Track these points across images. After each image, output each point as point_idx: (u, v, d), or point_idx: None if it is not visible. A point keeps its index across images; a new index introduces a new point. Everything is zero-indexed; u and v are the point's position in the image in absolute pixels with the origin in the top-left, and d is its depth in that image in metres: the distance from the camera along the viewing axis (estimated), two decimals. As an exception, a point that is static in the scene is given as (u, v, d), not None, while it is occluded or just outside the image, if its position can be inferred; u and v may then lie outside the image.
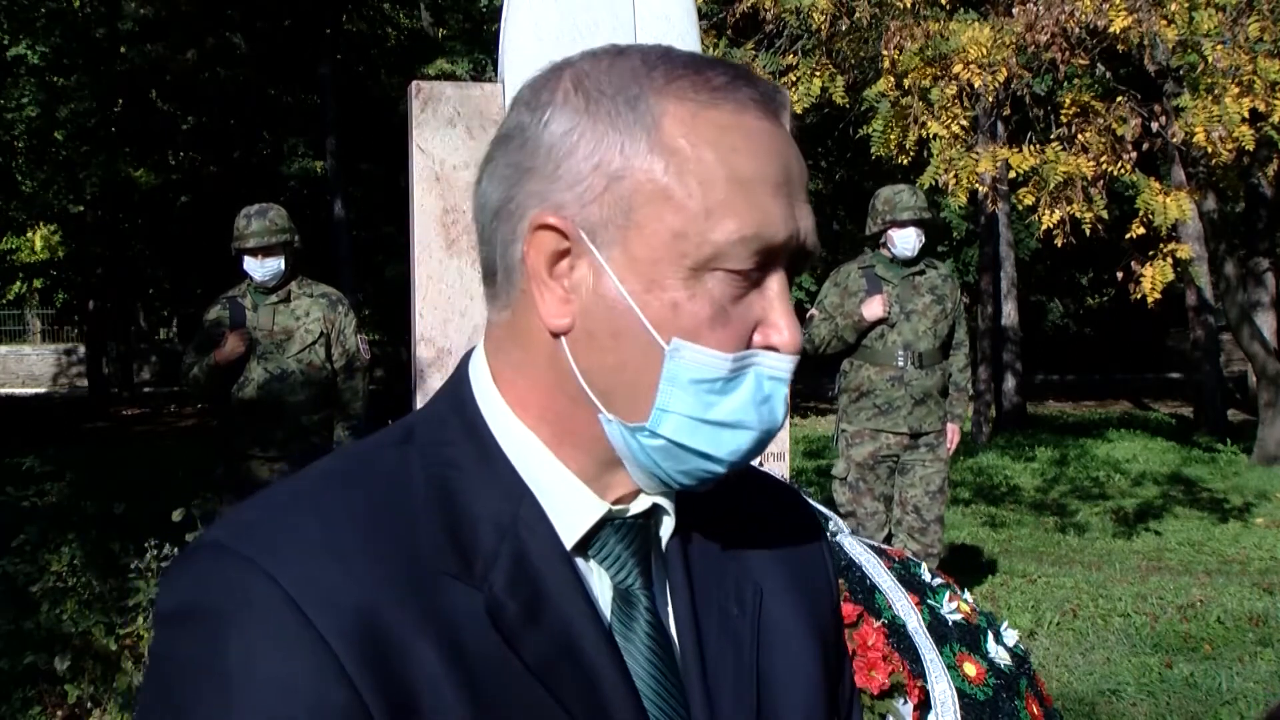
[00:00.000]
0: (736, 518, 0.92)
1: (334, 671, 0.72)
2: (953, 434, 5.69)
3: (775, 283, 0.80)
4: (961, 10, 7.15)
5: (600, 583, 0.83)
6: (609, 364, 0.79)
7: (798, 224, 0.80)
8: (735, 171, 0.77)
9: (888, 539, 5.50)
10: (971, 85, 6.32)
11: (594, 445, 0.82)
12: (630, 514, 0.84)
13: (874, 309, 5.48)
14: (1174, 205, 6.39)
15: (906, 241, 5.53)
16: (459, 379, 0.86)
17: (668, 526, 0.86)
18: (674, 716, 0.82)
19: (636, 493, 0.84)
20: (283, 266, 5.06)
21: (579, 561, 0.82)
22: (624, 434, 0.80)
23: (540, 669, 0.77)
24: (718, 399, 0.79)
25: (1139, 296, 6.57)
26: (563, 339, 0.80)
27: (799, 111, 6.58)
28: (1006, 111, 7.58)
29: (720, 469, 0.81)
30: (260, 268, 5.03)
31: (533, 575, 0.78)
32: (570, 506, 0.82)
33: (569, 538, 0.81)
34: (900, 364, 5.51)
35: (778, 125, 0.81)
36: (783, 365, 0.80)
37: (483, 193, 0.83)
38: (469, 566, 0.77)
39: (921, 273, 5.63)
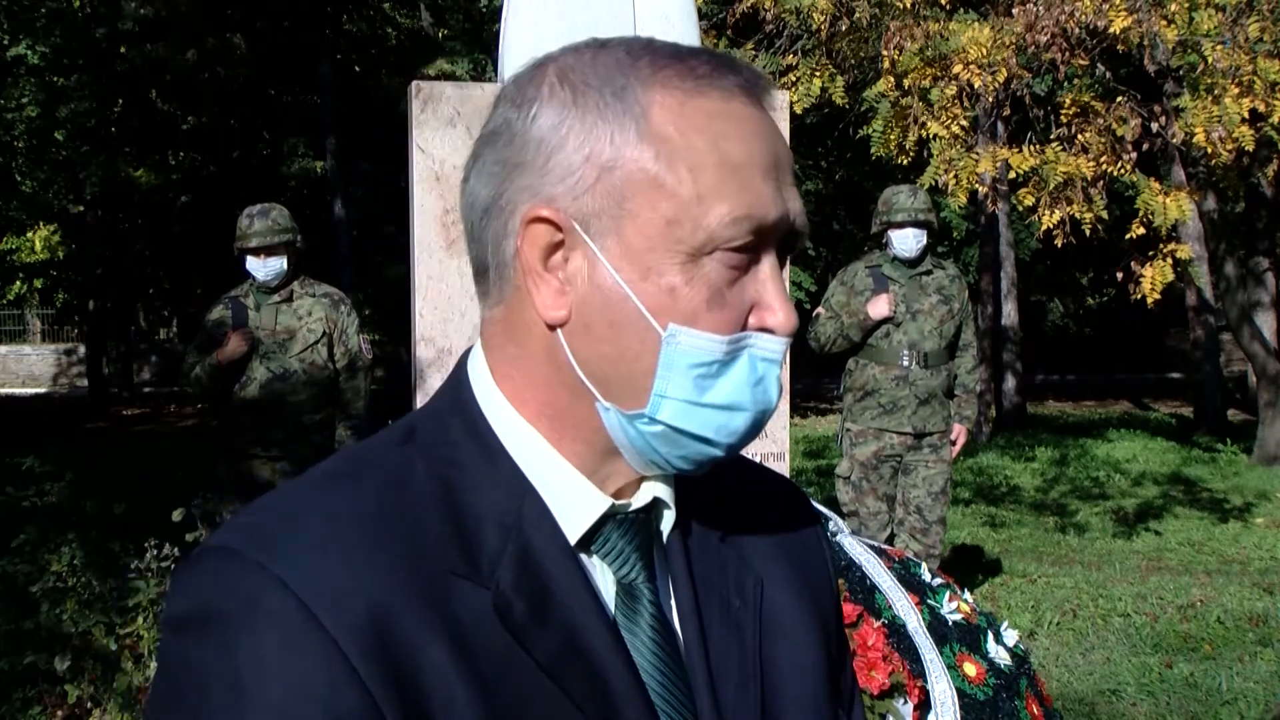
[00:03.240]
0: (735, 510, 0.92)
1: (346, 673, 0.72)
2: (959, 436, 5.69)
3: (768, 265, 0.81)
4: (961, 10, 7.15)
5: (604, 577, 0.83)
6: (606, 353, 0.80)
7: (787, 205, 0.81)
8: (725, 156, 0.78)
9: (890, 539, 5.50)
10: (971, 85, 6.32)
11: (593, 436, 0.82)
12: (632, 509, 0.84)
13: (879, 308, 5.48)
14: (1174, 205, 6.38)
15: (905, 242, 5.53)
16: (458, 377, 0.86)
17: (668, 520, 0.87)
18: (680, 708, 0.82)
19: (637, 486, 0.85)
20: (285, 266, 5.07)
21: (582, 557, 0.82)
22: (622, 422, 0.81)
23: (550, 665, 0.77)
24: (713, 382, 0.80)
25: (1139, 297, 6.57)
26: (559, 331, 0.81)
27: (799, 111, 6.58)
28: (1006, 111, 7.58)
29: (718, 452, 0.82)
30: (263, 267, 5.04)
31: (538, 572, 0.79)
32: (573, 502, 0.82)
33: (572, 533, 0.82)
34: (905, 363, 5.51)
35: (763, 111, 0.82)
36: (776, 347, 0.81)
37: (471, 191, 0.84)
38: (475, 565, 0.78)
39: (928, 272, 5.63)
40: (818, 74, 6.89)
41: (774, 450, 4.11)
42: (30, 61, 18.64)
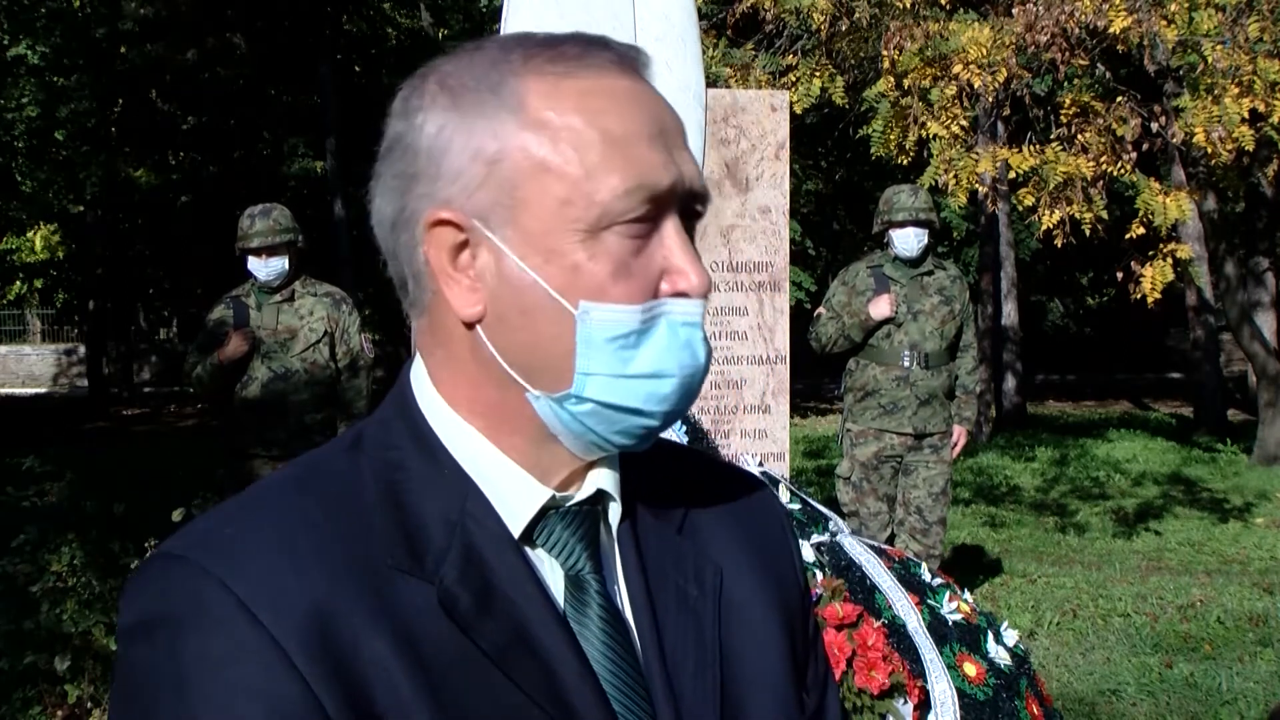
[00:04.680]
0: (692, 502, 0.94)
1: (288, 672, 0.74)
2: (960, 437, 5.69)
3: (671, 230, 0.82)
4: (961, 10, 7.15)
5: (552, 570, 0.84)
6: (525, 341, 0.81)
7: (680, 169, 0.82)
8: (606, 131, 0.80)
9: (890, 539, 5.50)
10: (971, 85, 6.32)
11: (528, 426, 0.84)
12: (574, 500, 0.85)
13: (880, 308, 5.48)
14: (1174, 205, 6.38)
15: (906, 242, 5.53)
16: (402, 384, 0.88)
17: (615, 511, 0.88)
18: (633, 697, 0.83)
19: (582, 478, 0.86)
20: (287, 266, 5.07)
21: (530, 551, 0.84)
22: (552, 407, 0.82)
23: (498, 656, 0.79)
24: (633, 353, 0.80)
25: (1139, 296, 6.57)
26: (478, 327, 0.82)
27: (799, 111, 6.58)
28: (1006, 111, 7.58)
29: (653, 422, 0.83)
30: (264, 267, 5.04)
31: (482, 566, 0.80)
32: (514, 496, 0.84)
33: (515, 527, 0.83)
34: (906, 364, 5.51)
35: (640, 82, 0.84)
36: (693, 309, 0.82)
37: (378, 209, 0.86)
38: (420, 562, 0.79)
39: (930, 273, 5.63)
40: (818, 74, 6.89)
41: (774, 450, 4.11)
42: (30, 61, 18.64)
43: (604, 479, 0.87)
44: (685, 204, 0.83)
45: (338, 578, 0.77)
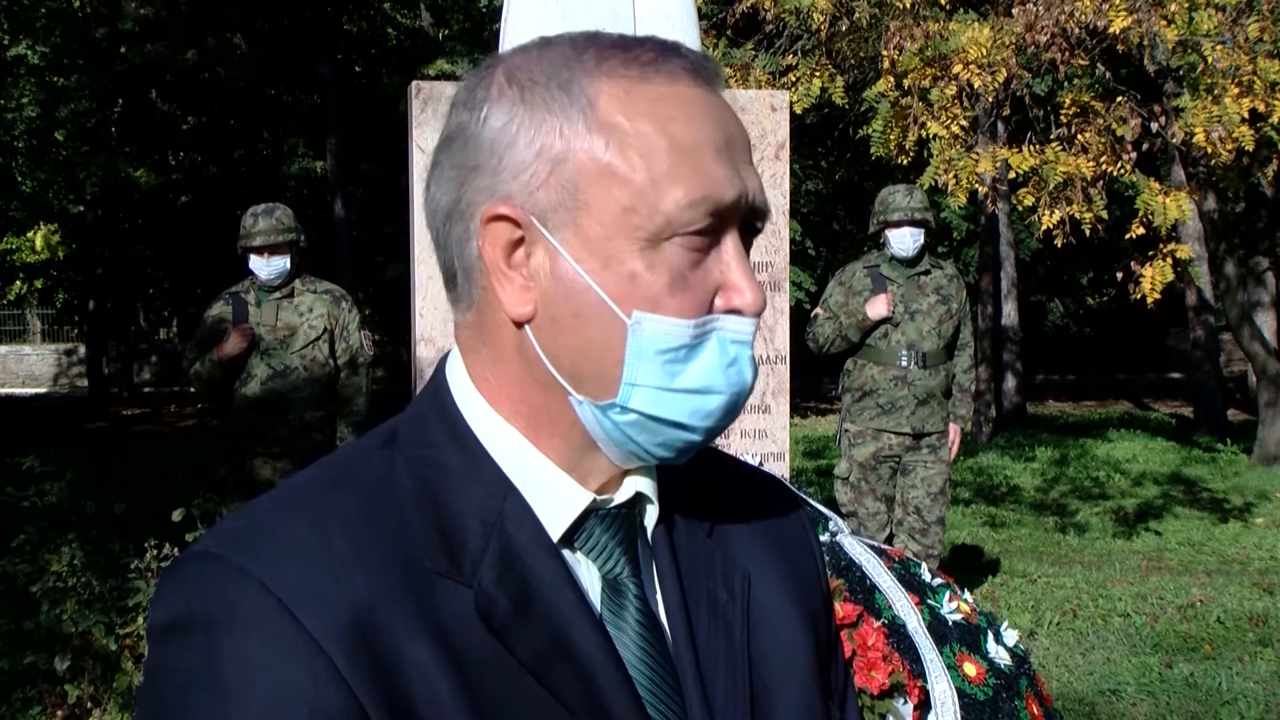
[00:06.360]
0: (721, 507, 0.93)
1: (330, 676, 0.72)
2: (954, 435, 5.69)
3: (730, 245, 0.81)
4: (961, 10, 7.15)
5: (589, 574, 0.83)
6: (574, 345, 0.80)
7: (744, 183, 0.81)
8: (675, 140, 0.79)
9: (889, 539, 5.50)
10: (971, 85, 6.32)
11: (571, 431, 0.83)
12: (614, 504, 0.84)
13: (878, 308, 5.48)
14: (1174, 205, 6.38)
15: (902, 242, 5.53)
16: (438, 380, 0.87)
17: (652, 515, 0.87)
18: (668, 702, 0.82)
19: (620, 481, 0.85)
20: (288, 265, 5.08)
21: (566, 553, 0.83)
22: (596, 414, 0.81)
23: (533, 663, 0.77)
24: (683, 367, 0.80)
25: (1139, 297, 6.57)
26: (527, 327, 0.81)
27: (799, 111, 6.58)
28: (1006, 111, 7.58)
29: (695, 437, 0.81)
30: (266, 266, 5.04)
31: (521, 569, 0.79)
32: (555, 499, 0.82)
33: (555, 530, 0.82)
34: (903, 364, 5.51)
35: (711, 92, 0.82)
36: (745, 328, 0.81)
37: (432, 198, 0.84)
38: (458, 564, 0.78)
39: (927, 272, 5.63)
40: (818, 74, 6.89)
41: (774, 450, 4.11)
42: (30, 61, 18.65)
43: (642, 482, 0.86)
44: (746, 219, 0.82)
45: (377, 580, 0.76)
